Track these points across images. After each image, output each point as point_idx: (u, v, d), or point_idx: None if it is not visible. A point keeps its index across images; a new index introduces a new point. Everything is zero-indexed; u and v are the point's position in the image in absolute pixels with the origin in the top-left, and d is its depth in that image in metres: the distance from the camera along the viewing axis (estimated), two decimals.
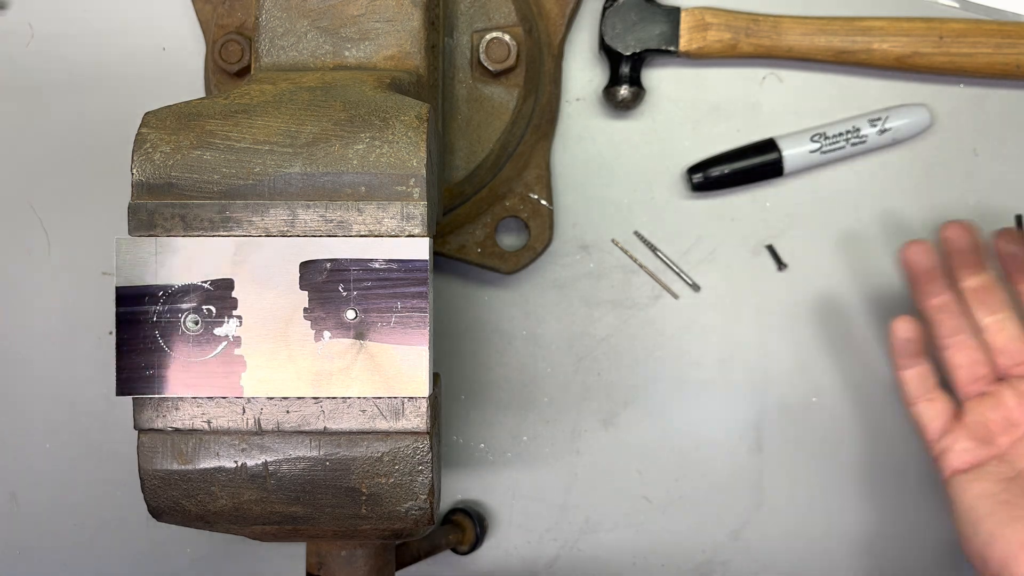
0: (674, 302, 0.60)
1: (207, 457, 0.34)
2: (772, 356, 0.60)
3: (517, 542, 0.61)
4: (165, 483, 0.35)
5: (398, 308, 0.34)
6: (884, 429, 0.60)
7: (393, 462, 0.35)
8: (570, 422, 0.60)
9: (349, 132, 0.35)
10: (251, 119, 0.36)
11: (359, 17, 0.44)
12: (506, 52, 0.52)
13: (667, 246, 0.60)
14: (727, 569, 0.60)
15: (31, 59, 0.60)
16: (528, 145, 0.56)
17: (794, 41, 0.56)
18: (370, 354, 0.34)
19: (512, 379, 0.60)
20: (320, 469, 0.34)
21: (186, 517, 0.35)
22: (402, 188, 0.35)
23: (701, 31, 0.56)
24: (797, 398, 0.60)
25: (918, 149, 0.59)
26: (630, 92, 0.56)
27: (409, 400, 0.34)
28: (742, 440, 0.60)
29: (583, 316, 0.60)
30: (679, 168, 0.59)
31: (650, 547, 0.60)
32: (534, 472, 0.60)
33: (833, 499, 0.60)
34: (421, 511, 0.35)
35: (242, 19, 0.54)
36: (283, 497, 0.35)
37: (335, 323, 0.34)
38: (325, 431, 0.34)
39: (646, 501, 0.60)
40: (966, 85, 0.59)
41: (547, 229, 0.57)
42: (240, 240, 0.35)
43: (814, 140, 0.57)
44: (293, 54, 0.44)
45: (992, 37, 0.56)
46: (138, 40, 0.60)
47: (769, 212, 0.59)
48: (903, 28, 0.56)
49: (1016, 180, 0.59)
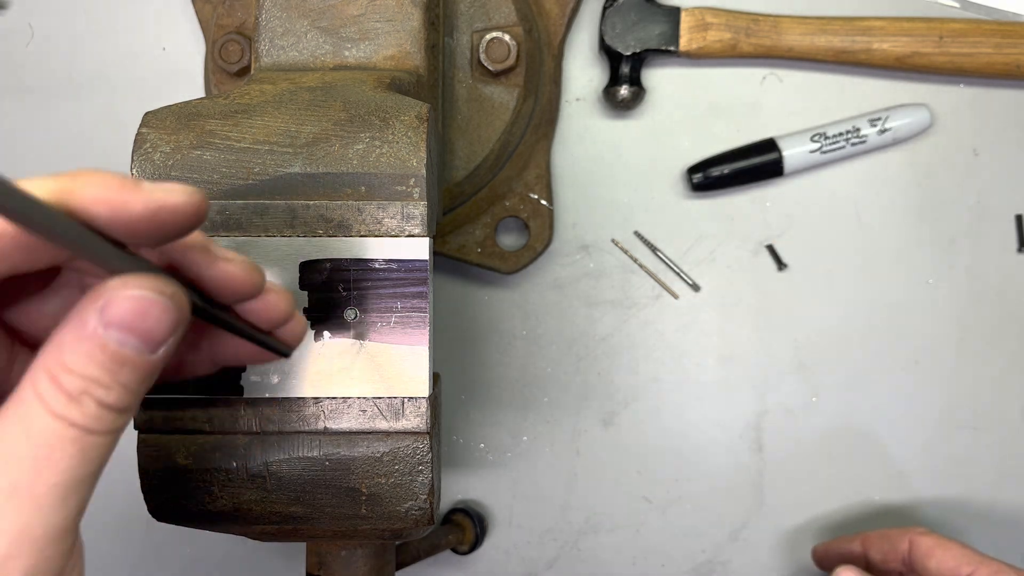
0: (674, 302, 0.60)
1: (207, 457, 0.34)
2: (772, 356, 0.60)
3: (517, 542, 0.61)
4: (165, 483, 0.35)
5: (398, 308, 0.34)
6: (884, 429, 0.60)
7: (393, 462, 0.35)
8: (570, 422, 0.60)
9: (349, 132, 0.35)
10: (251, 119, 0.36)
11: (359, 17, 0.44)
12: (506, 52, 0.52)
13: (667, 246, 0.60)
14: (727, 569, 0.60)
15: (31, 59, 0.60)
16: (528, 145, 0.56)
17: (794, 41, 0.56)
18: (370, 354, 0.34)
19: (512, 379, 0.60)
20: (320, 469, 0.34)
21: (186, 517, 0.35)
22: (402, 188, 0.35)
23: (701, 31, 0.56)
24: (797, 398, 0.60)
25: (918, 149, 0.59)
26: (630, 92, 0.56)
27: (409, 400, 0.34)
28: (742, 440, 0.60)
29: (583, 316, 0.60)
30: (679, 168, 0.59)
31: (650, 547, 0.60)
32: (534, 472, 0.60)
33: (833, 499, 0.60)
34: (421, 511, 0.35)
35: (242, 19, 0.54)
36: (283, 497, 0.35)
37: (335, 323, 0.34)
38: (325, 431, 0.34)
39: (646, 501, 0.60)
40: (966, 85, 0.59)
41: (547, 229, 0.56)
42: (240, 240, 0.35)
43: (814, 140, 0.57)
44: (293, 54, 0.44)
45: (992, 37, 0.56)
46: (138, 40, 0.60)
47: (769, 212, 0.59)
48: (903, 28, 0.56)
49: (1016, 180, 0.59)
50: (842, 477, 0.60)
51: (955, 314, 0.59)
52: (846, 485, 0.60)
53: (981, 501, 0.60)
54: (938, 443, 0.60)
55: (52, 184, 0.21)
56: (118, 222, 0.22)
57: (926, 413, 0.60)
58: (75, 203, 0.21)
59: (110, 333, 0.22)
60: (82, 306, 0.22)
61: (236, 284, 0.25)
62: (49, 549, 0.23)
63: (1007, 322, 0.59)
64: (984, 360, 0.60)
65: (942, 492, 0.60)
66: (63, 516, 0.23)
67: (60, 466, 0.22)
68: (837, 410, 0.60)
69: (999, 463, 0.60)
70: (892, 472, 0.60)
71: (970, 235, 0.59)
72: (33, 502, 0.22)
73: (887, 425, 0.60)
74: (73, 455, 0.22)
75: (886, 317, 0.59)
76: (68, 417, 0.22)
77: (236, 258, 0.25)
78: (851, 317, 0.59)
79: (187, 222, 0.23)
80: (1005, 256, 0.59)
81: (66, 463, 0.22)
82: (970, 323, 0.59)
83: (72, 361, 0.22)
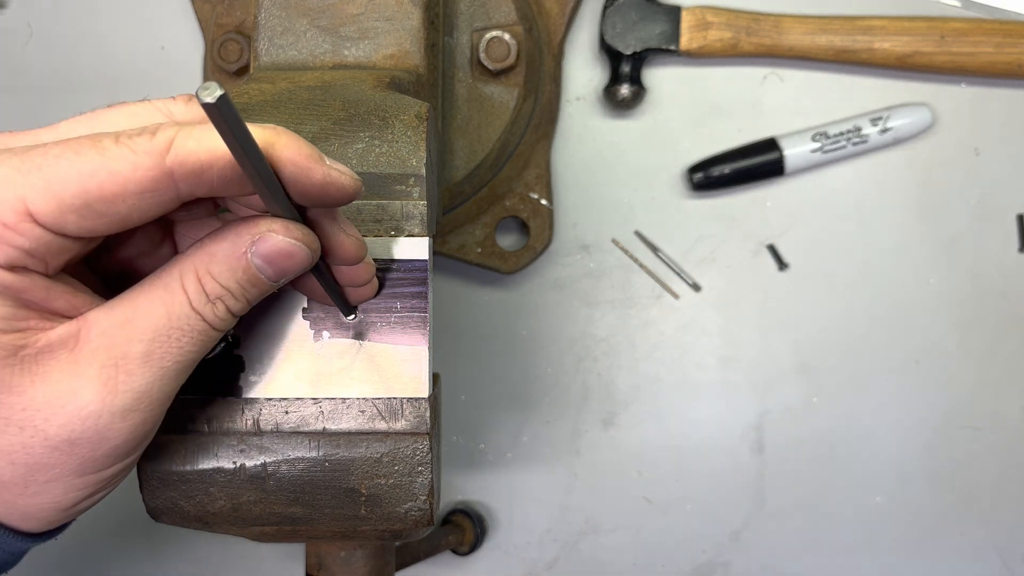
0: (675, 302, 0.60)
1: (206, 458, 0.34)
2: (772, 356, 0.59)
3: (517, 542, 0.60)
4: (163, 484, 0.34)
5: (398, 308, 0.34)
6: (883, 429, 0.60)
7: (392, 463, 0.34)
8: (570, 422, 0.60)
9: (348, 131, 0.35)
10: (250, 119, 0.36)
11: (358, 16, 0.44)
12: (506, 51, 0.51)
13: (667, 246, 0.59)
14: (727, 569, 0.60)
15: (30, 58, 0.60)
16: (528, 145, 0.56)
17: (795, 40, 0.56)
18: (370, 354, 0.34)
19: (512, 379, 0.60)
20: (319, 470, 0.34)
21: (185, 518, 0.35)
22: (401, 188, 0.34)
23: (702, 30, 0.56)
24: (797, 398, 0.60)
25: (919, 148, 0.59)
26: (631, 91, 0.56)
27: (409, 401, 0.34)
28: (742, 440, 0.60)
29: (583, 316, 0.60)
30: (680, 167, 0.59)
31: (650, 548, 0.60)
32: (534, 472, 0.60)
33: (833, 499, 0.60)
34: (421, 512, 0.35)
35: (241, 18, 0.54)
36: (282, 498, 0.35)
37: (334, 323, 0.34)
38: (324, 432, 0.34)
39: (646, 501, 0.60)
40: (967, 84, 0.59)
41: (547, 229, 0.56)
42: None
43: (815, 139, 0.57)
44: (292, 53, 0.43)
45: (994, 36, 0.56)
46: (137, 39, 0.60)
47: (770, 212, 0.59)
48: (904, 27, 0.56)
49: (1017, 180, 0.59)
50: (842, 477, 0.60)
51: (956, 314, 0.59)
52: (846, 485, 0.60)
53: (981, 501, 0.60)
54: (938, 443, 0.60)
55: (260, 132, 0.25)
56: (296, 181, 0.26)
57: (926, 413, 0.60)
58: (275, 155, 0.26)
59: (256, 260, 0.28)
60: (239, 230, 0.27)
61: (346, 253, 0.30)
62: (157, 411, 0.28)
63: (1008, 322, 0.59)
64: (985, 360, 0.59)
65: (942, 492, 0.60)
66: (173, 388, 0.28)
67: (185, 348, 0.28)
68: (838, 410, 0.59)
69: (999, 463, 0.60)
70: (892, 472, 0.60)
71: (971, 235, 0.59)
72: (161, 371, 0.27)
73: (887, 425, 0.59)
74: (195, 342, 0.28)
75: (887, 317, 0.59)
76: (202, 313, 0.28)
77: (354, 233, 0.30)
78: (852, 317, 0.59)
79: (343, 199, 0.28)
80: (1006, 256, 0.59)
81: (189, 347, 0.28)
82: (971, 323, 0.59)
83: (219, 272, 0.27)
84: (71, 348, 0.27)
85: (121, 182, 0.25)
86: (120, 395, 0.27)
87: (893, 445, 0.60)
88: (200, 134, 0.25)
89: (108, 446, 0.28)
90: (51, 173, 0.25)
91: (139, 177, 0.25)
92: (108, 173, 0.25)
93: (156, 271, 0.28)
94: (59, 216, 0.25)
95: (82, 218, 0.25)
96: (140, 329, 0.27)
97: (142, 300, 0.28)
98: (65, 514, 0.29)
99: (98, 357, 0.27)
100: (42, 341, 0.27)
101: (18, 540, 0.29)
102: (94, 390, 0.27)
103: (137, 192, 0.25)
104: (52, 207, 0.25)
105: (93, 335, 0.27)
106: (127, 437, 0.28)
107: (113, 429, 0.27)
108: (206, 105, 0.21)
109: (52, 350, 0.27)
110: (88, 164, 0.25)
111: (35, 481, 0.28)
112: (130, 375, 0.27)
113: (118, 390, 0.27)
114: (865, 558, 0.60)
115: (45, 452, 0.27)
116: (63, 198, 0.25)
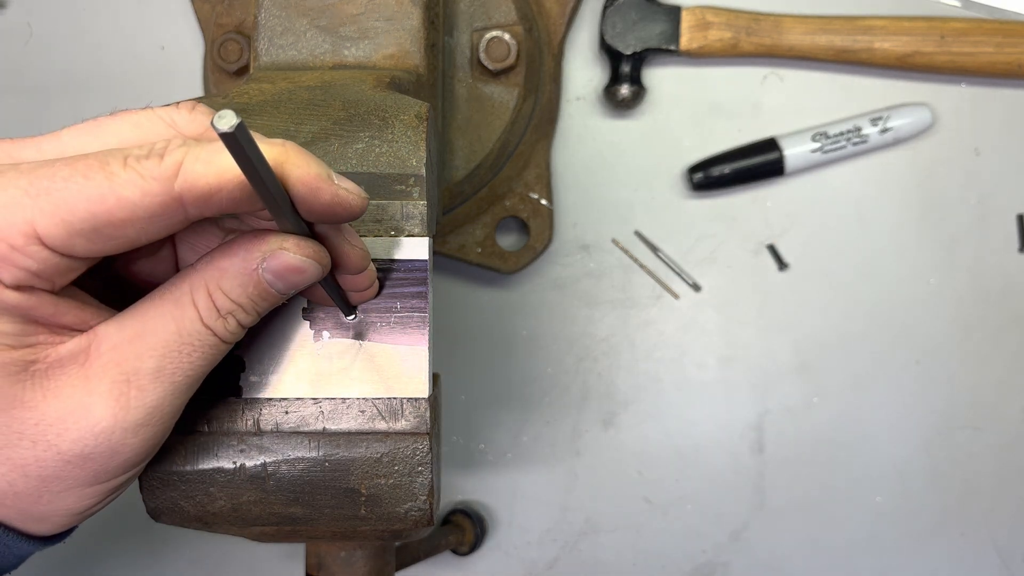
0: (674, 302, 0.60)
1: (205, 458, 0.34)
2: (772, 356, 0.59)
3: (517, 542, 0.60)
4: (163, 484, 0.34)
5: (398, 308, 0.34)
6: (883, 429, 0.60)
7: (392, 463, 0.34)
8: (570, 422, 0.60)
9: (348, 131, 0.35)
10: (250, 119, 0.36)
11: (358, 16, 0.44)
12: (506, 51, 0.51)
13: (668, 246, 0.59)
14: (727, 570, 0.60)
15: (30, 58, 0.60)
16: (528, 144, 0.56)
17: (795, 40, 0.56)
18: (369, 354, 0.34)
19: (512, 379, 0.60)
20: (319, 470, 0.34)
21: (184, 518, 0.35)
22: (401, 187, 0.34)
23: (702, 30, 0.56)
24: (797, 398, 0.60)
25: (919, 149, 0.59)
26: (631, 91, 0.56)
27: (409, 401, 0.34)
28: (742, 440, 0.60)
29: (583, 316, 0.60)
30: (680, 167, 0.59)
31: (650, 548, 0.60)
32: (534, 472, 0.60)
33: (833, 499, 0.60)
34: (421, 512, 0.35)
35: (241, 18, 0.54)
36: (282, 498, 0.34)
37: (334, 323, 0.34)
38: (324, 432, 0.34)
39: (646, 501, 0.60)
40: (968, 84, 0.59)
41: (547, 229, 0.56)
42: None
43: (815, 139, 0.57)
44: (292, 53, 0.43)
45: (994, 36, 0.56)
46: (137, 39, 0.60)
47: (770, 212, 0.59)
48: (904, 27, 0.56)
49: (1017, 180, 0.59)
50: (842, 477, 0.60)
51: (956, 314, 0.59)
52: (846, 485, 0.60)
53: (981, 501, 0.60)
54: (938, 443, 0.60)
55: (270, 151, 0.25)
56: (305, 201, 0.26)
57: (926, 413, 0.60)
58: (285, 174, 0.26)
59: (267, 276, 0.28)
60: (249, 245, 0.28)
61: (350, 263, 0.30)
62: (167, 424, 0.29)
63: (1008, 322, 0.59)
64: (985, 360, 0.59)
65: (942, 492, 0.60)
66: (183, 401, 0.29)
67: (196, 363, 0.28)
68: (838, 410, 0.59)
69: (999, 463, 0.60)
70: (892, 472, 0.60)
71: (971, 235, 0.59)
72: (172, 386, 0.28)
73: (887, 425, 0.59)
74: (205, 356, 0.28)
75: (887, 317, 0.59)
76: (213, 328, 0.28)
77: (358, 243, 0.31)
78: (852, 317, 0.59)
79: (349, 217, 0.28)
80: (1006, 256, 0.59)
81: (200, 361, 0.28)
82: (971, 323, 0.59)
83: (230, 288, 0.28)
84: (82, 363, 0.27)
85: (130, 208, 0.25)
86: (132, 411, 0.27)
87: (893, 445, 0.59)
88: (208, 156, 0.25)
89: (120, 459, 0.28)
90: (60, 198, 0.24)
91: (148, 203, 0.25)
92: (117, 199, 0.25)
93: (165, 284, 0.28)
94: (67, 240, 0.25)
95: (90, 242, 0.25)
96: (151, 344, 0.27)
97: (152, 314, 0.28)
98: (75, 518, 0.30)
99: (109, 372, 0.27)
100: (52, 356, 0.27)
101: (27, 544, 0.30)
102: (106, 406, 0.27)
103: (146, 217, 0.25)
104: (61, 231, 0.25)
105: (104, 349, 0.27)
106: (139, 450, 0.28)
107: (126, 444, 0.28)
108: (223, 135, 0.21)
109: (63, 364, 0.27)
110: (97, 189, 0.25)
111: (48, 491, 0.28)
112: (142, 391, 0.27)
113: (130, 406, 0.27)
114: (865, 558, 0.60)
115: (58, 465, 0.27)
116: (72, 223, 0.25)
